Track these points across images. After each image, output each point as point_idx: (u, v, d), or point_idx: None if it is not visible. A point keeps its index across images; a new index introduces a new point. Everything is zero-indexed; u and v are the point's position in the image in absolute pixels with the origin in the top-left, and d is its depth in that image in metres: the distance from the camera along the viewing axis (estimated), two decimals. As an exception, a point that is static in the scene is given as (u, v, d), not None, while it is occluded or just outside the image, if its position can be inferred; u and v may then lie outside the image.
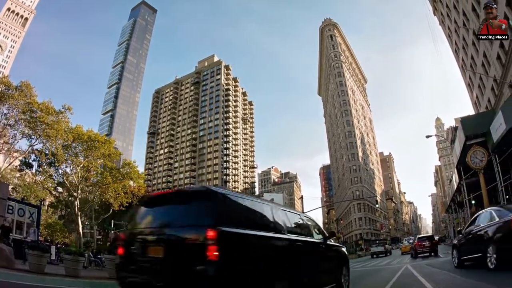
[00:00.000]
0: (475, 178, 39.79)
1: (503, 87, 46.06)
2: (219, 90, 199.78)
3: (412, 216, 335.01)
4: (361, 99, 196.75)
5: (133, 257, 8.01)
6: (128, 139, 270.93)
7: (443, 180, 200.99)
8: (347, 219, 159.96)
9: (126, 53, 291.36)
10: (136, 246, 8.12)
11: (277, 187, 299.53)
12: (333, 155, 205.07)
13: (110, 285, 18.74)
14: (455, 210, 69.42)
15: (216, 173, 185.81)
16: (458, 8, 57.37)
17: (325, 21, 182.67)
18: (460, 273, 15.69)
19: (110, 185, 61.09)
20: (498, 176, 33.50)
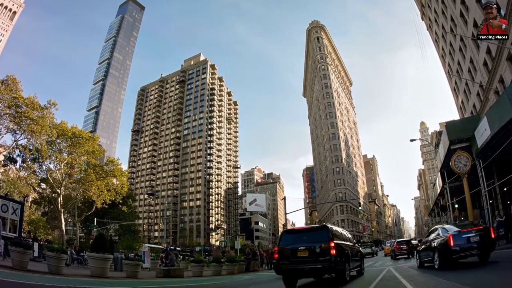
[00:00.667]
0: (459, 182, 40.25)
1: (489, 93, 46.31)
2: (204, 89, 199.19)
3: (395, 219, 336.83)
4: (346, 101, 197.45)
5: (286, 257, 16.24)
6: (112, 136, 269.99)
7: (427, 184, 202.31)
8: (330, 221, 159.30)
9: (113, 50, 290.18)
10: (287, 252, 16.28)
11: (260, 188, 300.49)
12: (317, 156, 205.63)
13: (94, 283, 18.60)
14: (438, 214, 70.00)
15: (200, 173, 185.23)
16: (446, 14, 57.62)
17: (313, 23, 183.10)
18: (423, 272, 20.45)
19: (94, 183, 61.02)
20: (482, 181, 33.80)
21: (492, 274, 14.42)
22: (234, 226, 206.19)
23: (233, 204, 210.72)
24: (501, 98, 26.44)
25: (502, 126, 25.30)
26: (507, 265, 18.03)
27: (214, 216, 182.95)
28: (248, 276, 31.18)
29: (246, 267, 38.62)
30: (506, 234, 28.62)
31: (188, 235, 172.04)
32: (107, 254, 23.68)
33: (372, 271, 25.00)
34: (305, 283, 18.99)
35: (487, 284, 12.29)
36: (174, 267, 30.20)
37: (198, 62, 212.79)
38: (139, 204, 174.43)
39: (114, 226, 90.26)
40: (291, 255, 16.09)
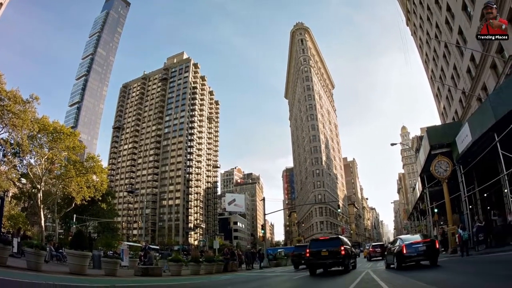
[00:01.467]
0: (439, 187, 40.57)
1: (472, 100, 46.79)
2: (187, 87, 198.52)
3: (374, 222, 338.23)
4: (327, 104, 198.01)
5: (313, 255, 25.65)
6: (93, 133, 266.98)
7: (406, 188, 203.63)
8: (309, 223, 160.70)
9: (97, 45, 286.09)
10: (315, 252, 25.59)
11: (239, 188, 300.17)
12: (297, 158, 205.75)
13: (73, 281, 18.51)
14: (418, 218, 70.49)
15: (179, 171, 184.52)
16: (431, 20, 58.12)
17: (297, 25, 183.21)
18: (388, 271, 25.61)
19: (74, 179, 60.67)
20: (462, 186, 34.30)
21: (442, 274, 18.15)
22: (213, 225, 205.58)
23: (212, 204, 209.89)
24: (484, 105, 26.77)
25: (484, 133, 25.66)
26: (452, 266, 22.90)
27: (193, 215, 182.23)
28: (226, 276, 31.15)
29: (224, 267, 38.71)
30: (485, 239, 28.93)
31: (167, 234, 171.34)
32: (85, 251, 23.48)
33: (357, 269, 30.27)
34: (319, 272, 27.71)
35: (440, 281, 15.37)
36: (153, 266, 30.09)
37: (181, 61, 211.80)
38: (118, 201, 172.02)
39: (93, 223, 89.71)
40: (317, 254, 25.89)
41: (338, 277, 23.84)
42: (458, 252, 29.72)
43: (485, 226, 29.30)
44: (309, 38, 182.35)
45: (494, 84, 36.79)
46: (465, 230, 28.68)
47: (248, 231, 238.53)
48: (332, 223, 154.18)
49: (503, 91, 23.00)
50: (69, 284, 16.64)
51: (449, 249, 34.80)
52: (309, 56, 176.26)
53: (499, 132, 23.98)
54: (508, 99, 21.92)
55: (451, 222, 36.98)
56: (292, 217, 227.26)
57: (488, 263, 20.08)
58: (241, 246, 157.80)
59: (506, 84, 23.24)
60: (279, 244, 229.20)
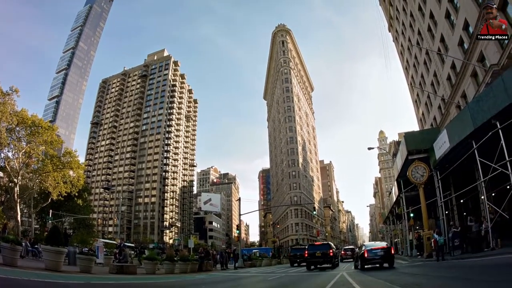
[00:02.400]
0: (415, 192, 40.92)
1: (451, 107, 47.32)
2: (166, 85, 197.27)
3: (349, 225, 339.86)
4: (306, 106, 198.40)
5: (311, 255, 36.84)
6: (71, 127, 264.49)
7: (383, 192, 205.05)
8: (284, 224, 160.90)
9: (78, 39, 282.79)
10: (312, 253, 36.96)
11: (215, 187, 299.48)
12: (274, 159, 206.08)
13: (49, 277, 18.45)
14: (393, 222, 70.98)
15: (156, 169, 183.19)
16: (414, 27, 58.68)
17: (279, 26, 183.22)
18: (356, 271, 29.50)
19: (50, 173, 60.15)
20: (439, 192, 34.53)
21: (417, 279, 18.13)
22: (188, 224, 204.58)
23: (187, 203, 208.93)
24: (463, 112, 27.12)
25: (462, 140, 26.03)
26: (427, 270, 23.44)
27: (168, 214, 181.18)
28: (200, 276, 31.13)
29: (199, 266, 38.75)
30: (461, 244, 29.18)
31: (142, 232, 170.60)
32: (61, 247, 23.34)
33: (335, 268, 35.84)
34: (297, 273, 32.45)
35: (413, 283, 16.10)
36: (128, 264, 29.96)
37: (161, 58, 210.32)
38: (94, 198, 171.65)
39: (69, 219, 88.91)
40: (313, 255, 36.87)
41: (316, 276, 24.23)
42: (434, 257, 29.97)
43: (461, 231, 29.61)
44: (290, 40, 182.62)
45: (474, 92, 37.25)
46: (441, 235, 28.90)
47: (223, 231, 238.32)
48: (307, 225, 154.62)
49: (483, 99, 23.25)
50: (44, 281, 16.60)
51: (425, 254, 35.15)
52: (289, 58, 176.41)
53: (477, 140, 24.34)
54: (488, 108, 22.22)
55: (427, 227, 37.28)
56: (267, 218, 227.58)
57: (463, 268, 20.36)
58: (216, 246, 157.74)
59: (486, 93, 23.51)
60: (254, 245, 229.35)
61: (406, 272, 22.99)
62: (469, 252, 27.76)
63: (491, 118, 21.72)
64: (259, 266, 55.19)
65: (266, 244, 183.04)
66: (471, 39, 35.97)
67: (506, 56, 28.65)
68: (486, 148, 23.84)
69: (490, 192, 28.06)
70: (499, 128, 21.31)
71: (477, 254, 25.12)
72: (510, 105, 19.92)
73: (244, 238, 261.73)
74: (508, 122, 20.68)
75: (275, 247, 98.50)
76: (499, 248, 23.42)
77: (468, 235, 28.46)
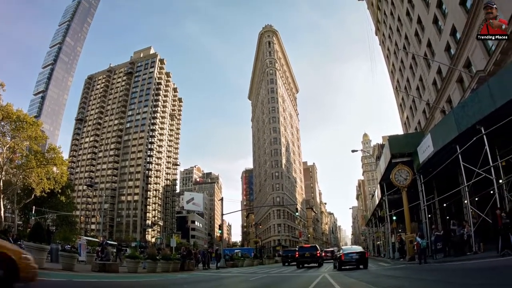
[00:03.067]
0: (398, 195, 41.18)
1: (435, 112, 47.62)
2: (151, 83, 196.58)
3: (332, 226, 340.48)
4: (290, 108, 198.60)
5: (301, 256, 45.07)
6: (56, 123, 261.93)
7: (365, 195, 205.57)
8: (266, 224, 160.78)
9: (65, 34, 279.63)
10: (302, 254, 45.35)
11: (198, 187, 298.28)
12: (257, 160, 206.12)
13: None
14: (376, 224, 71.35)
15: (139, 167, 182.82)
16: (401, 31, 58.98)
17: (266, 27, 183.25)
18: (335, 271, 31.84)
19: (34, 169, 59.75)
20: (422, 196, 34.89)
21: (399, 281, 18.40)
22: (171, 223, 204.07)
23: (170, 202, 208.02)
24: (448, 117, 27.32)
25: (446, 144, 26.23)
26: (409, 273, 23.18)
27: (151, 212, 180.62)
28: (182, 275, 31.00)
29: (181, 265, 38.60)
30: (444, 248, 29.39)
31: (125, 230, 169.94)
32: (44, 244, 23.28)
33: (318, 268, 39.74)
34: (279, 274, 32.01)
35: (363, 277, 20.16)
36: (110, 262, 29.83)
37: (147, 55, 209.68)
38: (77, 195, 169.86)
39: (52, 216, 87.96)
40: (303, 255, 44.34)
41: (298, 277, 24.28)
42: (416, 260, 30.26)
43: (443, 235, 29.79)
44: (276, 41, 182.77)
45: (459, 98, 37.50)
46: (424, 238, 29.07)
47: (205, 231, 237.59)
48: (290, 226, 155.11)
49: (468, 105, 23.39)
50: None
51: (407, 257, 35.36)
52: (275, 59, 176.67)
53: (461, 145, 24.51)
54: (473, 113, 22.37)
55: (410, 230, 37.55)
56: (250, 218, 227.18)
57: (445, 271, 20.38)
58: (198, 246, 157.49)
59: (471, 98, 23.69)
60: (236, 245, 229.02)
61: (388, 274, 23.02)
62: (451, 256, 27.91)
63: (476, 124, 21.87)
64: (241, 266, 55.10)
65: (248, 244, 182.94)
66: (458, 44, 36.24)
67: (493, 63, 28.89)
68: (470, 153, 24.02)
69: (473, 196, 28.28)
70: (484, 134, 21.48)
71: (459, 257, 25.23)
72: (495, 111, 20.10)
73: (226, 238, 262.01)
74: (493, 128, 20.86)
75: (257, 248, 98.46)
76: (482, 252, 23.61)
77: (451, 238, 28.63)
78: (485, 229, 24.51)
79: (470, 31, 32.89)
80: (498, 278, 13.26)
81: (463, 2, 34.36)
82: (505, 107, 19.50)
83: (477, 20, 31.18)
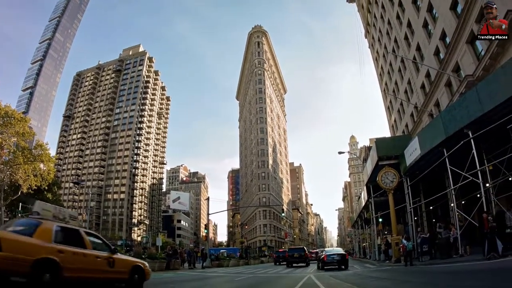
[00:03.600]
0: (384, 197, 41.18)
1: (423, 115, 47.85)
2: (139, 81, 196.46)
3: (318, 228, 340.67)
4: (278, 108, 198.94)
5: (290, 256, 49.63)
6: (43, 120, 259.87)
7: (352, 196, 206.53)
8: (252, 225, 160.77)
9: (55, 30, 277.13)
10: (291, 255, 50.03)
11: (184, 186, 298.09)
12: (244, 160, 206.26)
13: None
14: (362, 226, 71.36)
15: (126, 165, 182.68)
16: (390, 35, 59.19)
17: (255, 27, 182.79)
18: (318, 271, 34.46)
19: (21, 166, 59.25)
20: (408, 198, 34.99)
21: (385, 282, 18.59)
22: (157, 222, 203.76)
23: (156, 201, 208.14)
24: (435, 121, 27.42)
25: (433, 148, 26.36)
26: (395, 275, 22.84)
27: (137, 211, 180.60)
28: (168, 274, 31.01)
29: (166, 265, 38.72)
30: (430, 250, 29.53)
31: (111, 228, 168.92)
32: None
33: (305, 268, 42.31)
34: (265, 274, 31.47)
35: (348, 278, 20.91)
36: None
37: (136, 53, 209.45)
38: (64, 192, 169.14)
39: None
40: (292, 256, 49.27)
41: (284, 278, 24.41)
42: (402, 262, 30.35)
43: (429, 237, 29.95)
44: (266, 41, 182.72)
45: (447, 102, 37.73)
46: (410, 240, 29.09)
47: (191, 230, 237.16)
48: (275, 227, 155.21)
49: (456, 109, 23.48)
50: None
51: (393, 259, 35.49)
52: (264, 60, 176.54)
53: (448, 148, 24.63)
54: (460, 117, 22.47)
55: (396, 232, 37.58)
56: (235, 218, 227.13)
57: (430, 274, 20.47)
58: (184, 245, 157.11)
59: (459, 102, 23.77)
60: (221, 245, 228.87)
61: (374, 276, 23.06)
62: (437, 258, 28.03)
63: (464, 128, 21.98)
64: (226, 266, 55.21)
65: (234, 244, 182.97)
66: (447, 49, 36.45)
67: (482, 68, 29.08)
68: (457, 157, 24.13)
69: (460, 200, 28.44)
70: (471, 138, 21.61)
71: (445, 260, 25.35)
72: (483, 115, 20.22)
73: (212, 237, 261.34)
74: (481, 132, 21.00)
75: (242, 248, 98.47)
76: (468, 255, 23.76)
77: (437, 241, 28.79)
78: (472, 232, 24.66)
79: (460, 36, 33.12)
80: (485, 281, 13.36)
81: (454, 7, 34.54)
82: (493, 111, 19.65)
83: (467, 25, 31.41)
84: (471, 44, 32.37)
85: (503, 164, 22.12)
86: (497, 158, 22.70)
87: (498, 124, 19.79)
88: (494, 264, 17.56)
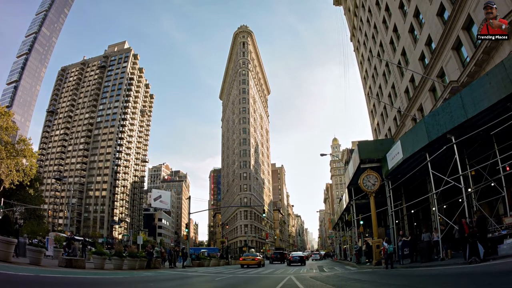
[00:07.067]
0: (366, 200, 41.55)
1: (406, 119, 48.19)
2: (124, 78, 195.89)
3: (299, 229, 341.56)
4: (261, 109, 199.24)
5: (276, 256, 77.06)
6: (27, 115, 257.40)
7: (333, 198, 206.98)
8: (233, 225, 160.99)
9: (42, 24, 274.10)
10: (276, 255, 77.07)
11: (166, 184, 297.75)
12: (225, 160, 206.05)
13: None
14: (343, 228, 71.81)
15: (108, 163, 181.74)
16: (376, 39, 59.57)
17: (241, 27, 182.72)
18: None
19: (4, 161, 58.83)
20: (390, 201, 35.14)
21: (366, 285, 18.29)
22: (138, 220, 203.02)
23: (138, 199, 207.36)
24: (418, 125, 27.54)
25: (415, 152, 26.49)
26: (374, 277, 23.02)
27: (118, 209, 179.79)
28: (149, 273, 30.73)
29: (147, 263, 38.37)
30: (411, 253, 29.61)
31: (92, 226, 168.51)
32: (11, 237, 23.03)
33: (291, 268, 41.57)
34: (247, 275, 30.20)
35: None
36: (77, 258, 29.52)
37: (122, 50, 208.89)
38: (46, 188, 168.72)
39: (20, 209, 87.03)
40: (276, 256, 76.42)
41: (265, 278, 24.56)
42: (383, 265, 30.48)
43: (410, 241, 30.13)
44: (251, 41, 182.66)
45: (431, 107, 38.07)
46: (390, 243, 29.23)
47: (172, 229, 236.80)
48: (256, 227, 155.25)
49: (440, 114, 23.56)
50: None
51: (374, 261, 35.63)
52: (248, 60, 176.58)
53: (431, 153, 24.84)
54: (444, 122, 22.60)
55: (376, 235, 37.73)
56: (216, 218, 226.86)
57: (411, 277, 20.53)
58: (165, 244, 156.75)
59: (443, 107, 23.85)
60: (202, 244, 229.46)
61: (355, 278, 22.96)
62: (418, 261, 28.16)
63: (447, 133, 22.12)
64: (207, 266, 55.05)
65: (215, 244, 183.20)
66: (432, 54, 36.80)
67: (467, 74, 29.36)
68: (440, 162, 24.38)
69: (441, 204, 28.68)
70: (454, 143, 21.78)
71: (426, 263, 25.47)
72: (466, 121, 20.38)
73: (193, 237, 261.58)
74: (464, 137, 21.19)
75: (223, 248, 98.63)
76: (449, 259, 23.92)
77: (418, 244, 28.96)
78: (453, 236, 24.87)
79: (445, 42, 33.45)
80: (466, 284, 13.49)
81: (440, 13, 34.87)
82: (477, 118, 19.83)
83: (453, 31, 31.70)
84: (456, 50, 32.68)
85: (485, 170, 22.32)
86: (479, 164, 22.92)
87: (481, 130, 19.99)
88: (476, 268, 17.69)
